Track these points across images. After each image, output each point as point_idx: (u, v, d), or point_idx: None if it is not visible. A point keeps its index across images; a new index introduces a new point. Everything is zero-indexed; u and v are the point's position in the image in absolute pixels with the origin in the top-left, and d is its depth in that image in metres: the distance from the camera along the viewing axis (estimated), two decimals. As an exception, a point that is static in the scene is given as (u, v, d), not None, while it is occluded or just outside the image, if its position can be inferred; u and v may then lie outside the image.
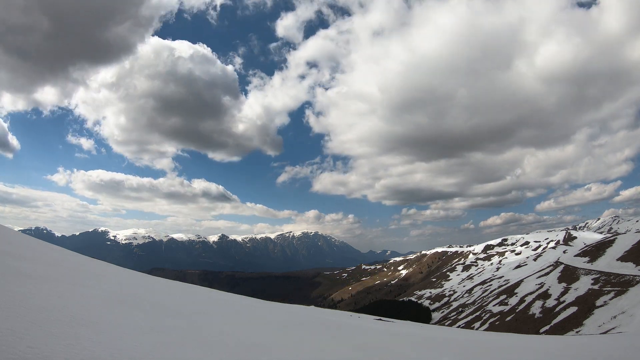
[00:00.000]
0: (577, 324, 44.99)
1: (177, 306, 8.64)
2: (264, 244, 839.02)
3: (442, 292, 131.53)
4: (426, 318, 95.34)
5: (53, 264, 9.26)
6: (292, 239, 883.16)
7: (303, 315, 15.45)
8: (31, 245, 12.09)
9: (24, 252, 9.29)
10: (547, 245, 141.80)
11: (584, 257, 69.85)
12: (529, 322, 54.56)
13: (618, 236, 75.01)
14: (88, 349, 3.41)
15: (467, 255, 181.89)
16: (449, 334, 18.73)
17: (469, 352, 11.63)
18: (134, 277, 14.03)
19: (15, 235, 14.53)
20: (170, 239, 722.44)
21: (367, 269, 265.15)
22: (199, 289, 18.03)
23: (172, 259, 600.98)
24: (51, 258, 10.48)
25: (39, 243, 14.74)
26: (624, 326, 37.59)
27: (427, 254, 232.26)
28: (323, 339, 9.46)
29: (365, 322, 18.56)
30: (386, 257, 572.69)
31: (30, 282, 5.59)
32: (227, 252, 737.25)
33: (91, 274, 10.16)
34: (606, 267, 60.10)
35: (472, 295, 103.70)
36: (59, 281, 6.81)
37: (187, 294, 12.91)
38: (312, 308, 28.88)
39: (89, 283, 7.95)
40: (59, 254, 12.83)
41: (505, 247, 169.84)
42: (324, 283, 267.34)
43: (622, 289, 48.03)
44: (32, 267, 7.14)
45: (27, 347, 2.93)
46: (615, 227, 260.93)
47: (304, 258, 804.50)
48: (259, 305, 15.72)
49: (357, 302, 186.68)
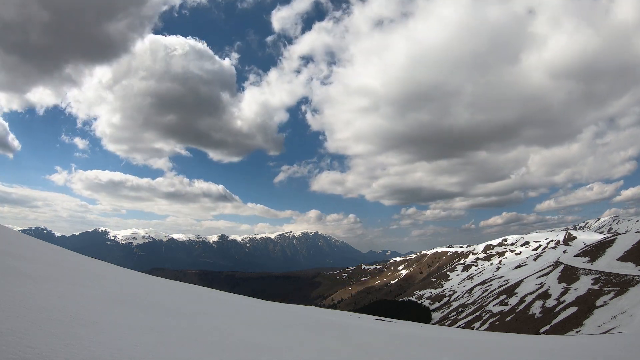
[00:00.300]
0: (577, 324, 45.00)
1: (177, 306, 8.64)
2: (264, 244, 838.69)
3: (442, 292, 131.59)
4: (426, 318, 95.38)
5: (53, 264, 9.26)
6: (292, 239, 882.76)
7: (303, 315, 15.45)
8: (31, 245, 12.09)
9: (24, 252, 9.29)
10: (547, 245, 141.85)
11: (584, 257, 69.87)
12: (529, 322, 54.57)
13: (618, 236, 75.04)
14: (88, 349, 3.41)
15: (467, 255, 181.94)
16: (449, 334, 18.74)
17: (469, 352, 11.63)
18: (134, 277, 14.04)
19: (15, 235, 14.53)
20: (170, 239, 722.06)
21: (367, 269, 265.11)
22: (199, 289, 18.03)
23: (172, 259, 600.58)
24: (51, 258, 10.48)
25: (39, 243, 14.74)
26: (624, 326, 37.59)
27: (427, 254, 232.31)
28: (323, 339, 9.46)
29: (365, 322, 18.56)
30: (386, 257, 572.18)
31: (30, 282, 5.60)
32: (227, 252, 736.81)
33: (91, 274, 10.16)
34: (606, 267, 60.12)
35: (472, 295, 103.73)
36: (59, 281, 6.81)
37: (187, 294, 12.91)
38: (312, 308, 28.89)
39: (89, 283, 7.95)
40: (59, 254, 12.83)
41: (505, 247, 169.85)
42: (324, 283, 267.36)
43: (622, 289, 48.04)
44: (32, 267, 7.14)
45: (27, 347, 2.93)
46: (616, 227, 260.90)
47: (304, 258, 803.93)
48: (259, 305, 15.72)
49: (357, 302, 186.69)
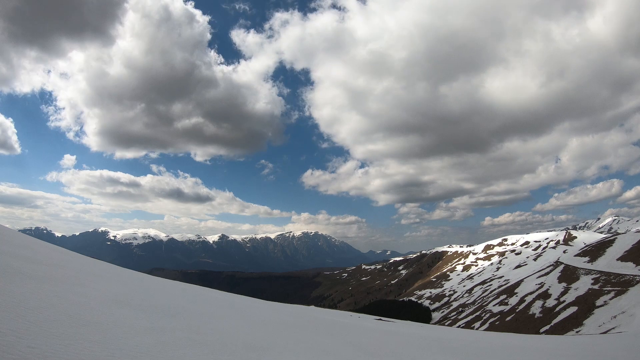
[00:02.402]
0: (577, 324, 45.01)
1: (177, 306, 8.63)
2: (264, 244, 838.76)
3: (442, 292, 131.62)
4: (426, 318, 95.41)
5: (53, 264, 9.25)
6: (292, 239, 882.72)
7: (303, 315, 15.45)
8: (31, 245, 12.08)
9: (24, 252, 9.28)
10: (547, 245, 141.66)
11: (584, 257, 69.88)
12: (529, 322, 54.58)
13: (618, 236, 75.05)
14: (88, 349, 3.41)
15: (467, 255, 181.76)
16: (449, 334, 18.74)
17: (469, 352, 11.64)
18: (134, 277, 14.03)
19: (15, 235, 14.52)
20: (170, 239, 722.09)
21: (367, 269, 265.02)
22: (199, 289, 18.01)
23: (172, 259, 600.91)
24: (51, 258, 10.47)
25: (39, 243, 14.73)
26: (624, 326, 37.60)
27: (427, 254, 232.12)
28: (323, 339, 9.46)
29: (365, 322, 18.57)
30: (386, 257, 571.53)
31: (30, 282, 5.59)
32: (227, 252, 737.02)
33: (91, 274, 10.16)
34: (606, 267, 60.12)
35: (472, 295, 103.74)
36: (59, 281, 6.81)
37: (187, 294, 12.90)
38: (312, 308, 28.90)
39: (89, 283, 7.95)
40: (59, 254, 12.82)
41: (506, 247, 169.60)
42: (324, 283, 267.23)
43: (622, 289, 48.05)
44: (32, 267, 7.13)
45: (27, 347, 2.92)
46: (615, 227, 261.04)
47: (304, 258, 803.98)
48: (259, 305, 15.71)
49: (357, 302, 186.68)
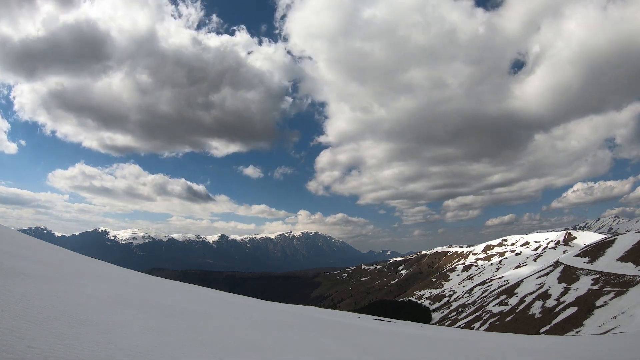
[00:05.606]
0: (577, 324, 45.00)
1: (177, 306, 8.63)
2: (264, 244, 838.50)
3: (442, 292, 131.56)
4: (426, 318, 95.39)
5: (53, 264, 9.25)
6: (292, 239, 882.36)
7: (303, 315, 15.45)
8: (31, 245, 12.09)
9: (24, 252, 9.29)
10: (547, 246, 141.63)
11: (584, 258, 69.85)
12: (529, 322, 54.57)
13: (618, 236, 74.99)
14: (88, 349, 3.41)
15: (467, 255, 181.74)
16: (449, 334, 18.75)
17: (469, 352, 11.64)
18: (134, 277, 14.03)
19: (15, 235, 14.52)
20: (170, 239, 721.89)
21: (367, 269, 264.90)
22: (199, 289, 18.01)
23: (172, 259, 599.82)
24: (51, 258, 10.48)
25: (39, 243, 14.74)
26: (624, 326, 37.61)
27: (427, 254, 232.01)
28: (323, 339, 9.45)
29: (365, 322, 18.58)
30: (386, 257, 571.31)
31: (30, 282, 5.59)
32: (227, 252, 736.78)
33: (91, 274, 10.16)
34: (606, 268, 60.11)
35: (472, 295, 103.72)
36: (59, 281, 6.81)
37: (187, 294, 12.89)
38: (312, 308, 28.90)
39: (89, 283, 7.95)
40: (59, 254, 12.83)
41: (505, 247, 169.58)
42: (324, 283, 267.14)
43: (622, 289, 48.06)
44: (32, 267, 7.13)
45: (27, 347, 2.92)
46: (615, 228, 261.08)
47: (304, 258, 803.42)
48: (259, 305, 15.71)
49: (357, 302, 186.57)
